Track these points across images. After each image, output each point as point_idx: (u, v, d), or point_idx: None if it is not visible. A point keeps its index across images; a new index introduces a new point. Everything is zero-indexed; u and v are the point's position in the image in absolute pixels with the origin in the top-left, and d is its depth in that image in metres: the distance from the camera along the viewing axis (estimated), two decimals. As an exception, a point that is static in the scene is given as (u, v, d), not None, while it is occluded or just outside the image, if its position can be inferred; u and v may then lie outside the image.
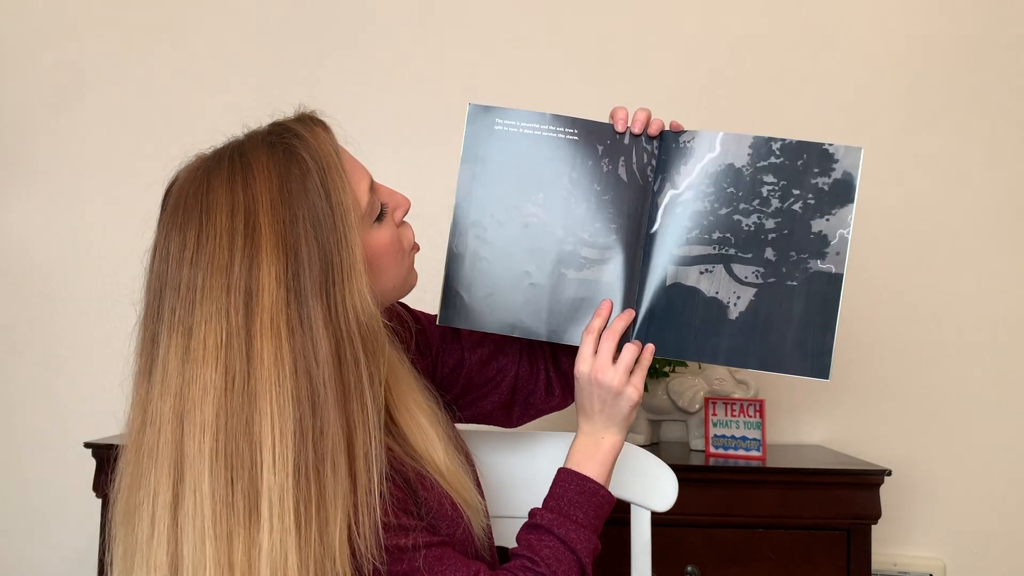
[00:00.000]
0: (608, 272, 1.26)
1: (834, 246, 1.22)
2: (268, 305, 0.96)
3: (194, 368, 0.96)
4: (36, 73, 2.40)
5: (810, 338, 1.23)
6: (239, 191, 1.00)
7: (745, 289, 1.24)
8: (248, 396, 0.95)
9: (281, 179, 1.01)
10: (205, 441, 0.95)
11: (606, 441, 1.22)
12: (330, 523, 0.96)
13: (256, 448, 0.95)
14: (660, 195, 1.26)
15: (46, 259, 2.37)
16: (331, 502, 0.97)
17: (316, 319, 0.98)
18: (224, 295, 0.96)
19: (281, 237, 0.98)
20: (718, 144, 1.24)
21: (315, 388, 0.97)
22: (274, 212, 0.99)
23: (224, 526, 0.94)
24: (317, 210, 1.00)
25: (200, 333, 0.96)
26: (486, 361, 1.38)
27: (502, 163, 1.26)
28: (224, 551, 0.94)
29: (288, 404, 0.95)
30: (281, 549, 0.94)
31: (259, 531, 0.94)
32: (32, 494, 2.34)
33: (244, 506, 0.94)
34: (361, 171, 1.11)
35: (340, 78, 2.37)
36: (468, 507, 1.15)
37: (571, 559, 1.13)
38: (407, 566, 1.03)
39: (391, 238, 1.13)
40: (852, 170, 1.22)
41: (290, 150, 1.03)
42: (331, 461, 0.97)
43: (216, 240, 0.98)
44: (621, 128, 1.26)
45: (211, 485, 0.94)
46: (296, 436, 0.95)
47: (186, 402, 0.96)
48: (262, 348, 0.96)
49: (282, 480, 0.94)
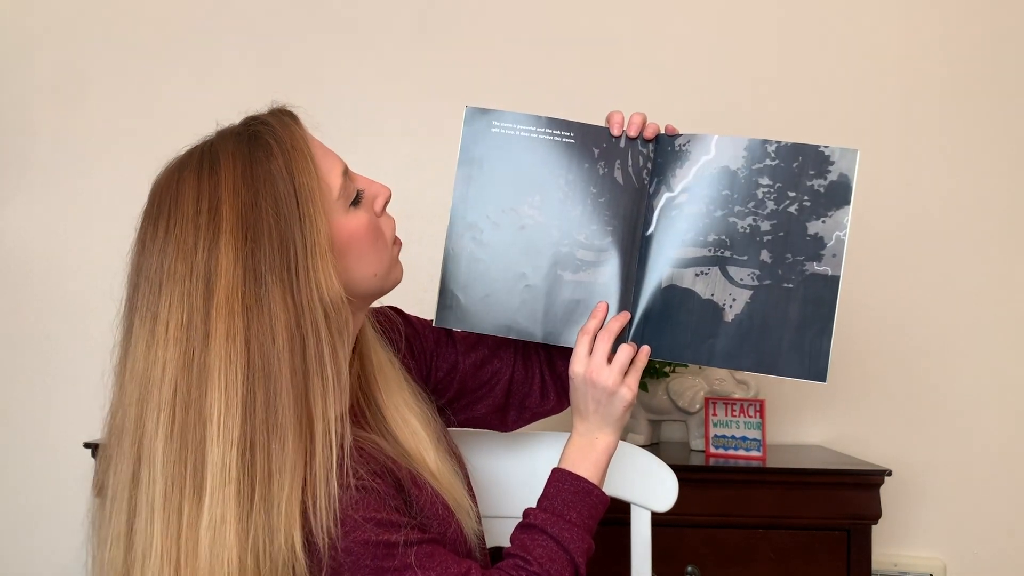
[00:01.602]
0: (604, 274, 1.26)
1: (830, 248, 1.22)
2: (225, 283, 0.98)
3: (156, 350, 0.99)
4: (36, 73, 2.40)
5: (807, 340, 1.22)
6: (205, 179, 1.02)
7: (741, 291, 1.23)
8: (201, 373, 0.97)
9: (245, 163, 1.03)
10: (161, 419, 0.97)
11: (600, 441, 1.22)
12: (277, 498, 0.97)
13: (206, 422, 0.97)
14: (656, 198, 1.26)
15: (46, 259, 2.37)
16: (280, 477, 0.97)
17: (274, 296, 0.99)
18: (187, 278, 0.99)
19: (241, 217, 1.00)
20: (713, 147, 1.24)
21: (268, 363, 0.98)
22: (236, 195, 1.01)
23: (175, 501, 0.97)
24: (279, 190, 1.02)
25: (164, 316, 0.99)
26: (480, 365, 1.38)
27: (498, 165, 1.27)
28: (174, 524, 0.96)
29: (237, 379, 0.97)
30: (222, 522, 0.96)
31: (203, 504, 0.96)
32: (32, 494, 2.34)
33: (193, 481, 0.96)
34: (333, 158, 1.12)
35: (339, 79, 2.37)
36: (459, 509, 1.16)
37: (564, 558, 1.13)
38: (399, 562, 1.03)
39: (367, 224, 1.12)
40: (848, 172, 1.22)
41: (256, 136, 1.05)
42: (281, 436, 0.98)
43: (182, 226, 1.01)
44: (617, 131, 1.26)
45: (163, 462, 0.97)
46: (243, 410, 0.97)
47: (149, 383, 0.99)
48: (217, 325, 0.98)
49: (225, 453, 0.96)
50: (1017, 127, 2.30)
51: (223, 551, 0.96)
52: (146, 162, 2.29)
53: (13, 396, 2.36)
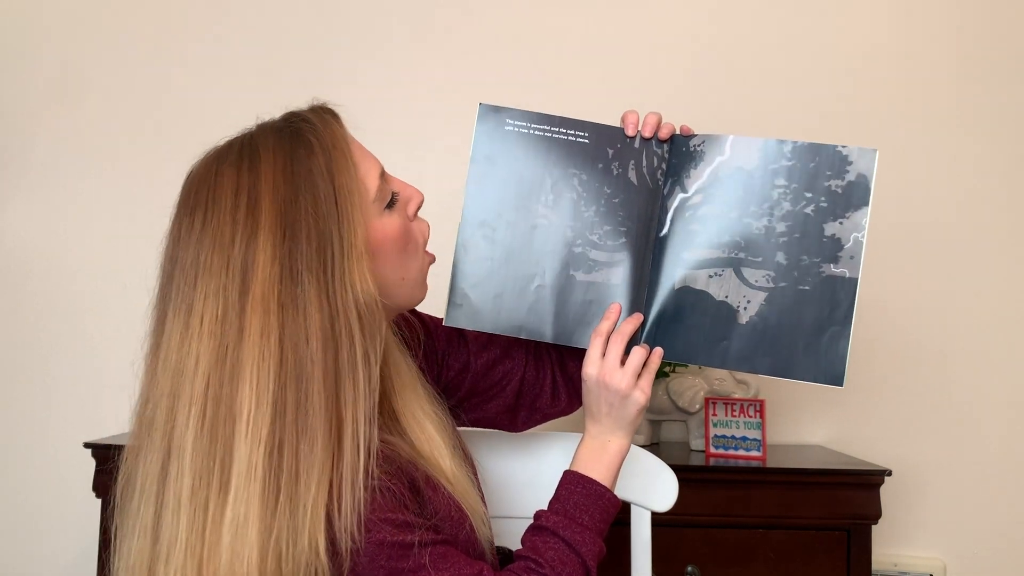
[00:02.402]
0: (617, 275, 1.25)
1: (848, 250, 1.20)
2: (262, 279, 0.98)
3: (190, 343, 0.99)
4: (36, 73, 2.39)
5: (823, 344, 1.21)
6: (245, 172, 1.03)
7: (755, 293, 1.22)
8: (234, 368, 0.97)
9: (286, 159, 1.03)
10: (192, 413, 0.97)
11: (613, 444, 1.21)
12: (303, 499, 0.97)
13: (236, 419, 0.97)
14: (670, 199, 1.25)
15: (46, 259, 2.37)
16: (306, 476, 0.97)
17: (310, 295, 0.99)
18: (223, 271, 0.99)
19: (280, 214, 1.00)
20: (728, 147, 1.23)
21: (301, 363, 0.98)
22: (275, 190, 1.01)
23: (201, 496, 0.97)
24: (319, 190, 1.02)
25: (199, 308, 0.99)
26: (492, 365, 1.37)
27: (512, 164, 1.26)
28: (200, 520, 0.96)
29: (269, 377, 0.97)
30: (245, 520, 0.95)
31: (226, 504, 0.96)
32: (32, 494, 2.33)
33: (219, 477, 0.96)
34: (371, 159, 1.12)
35: (345, 79, 2.36)
36: (473, 514, 1.15)
37: (576, 561, 1.13)
38: (413, 563, 1.02)
39: (401, 227, 1.13)
40: (867, 172, 1.21)
41: (297, 133, 1.06)
42: (310, 437, 0.98)
43: (220, 218, 1.01)
44: (631, 132, 1.25)
45: (192, 456, 0.97)
46: (273, 409, 0.97)
47: (182, 376, 0.99)
48: (251, 321, 0.98)
49: (253, 451, 0.96)
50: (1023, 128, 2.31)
51: (244, 549, 0.95)
52: (146, 162, 2.32)
53: (13, 396, 2.36)
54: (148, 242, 2.17)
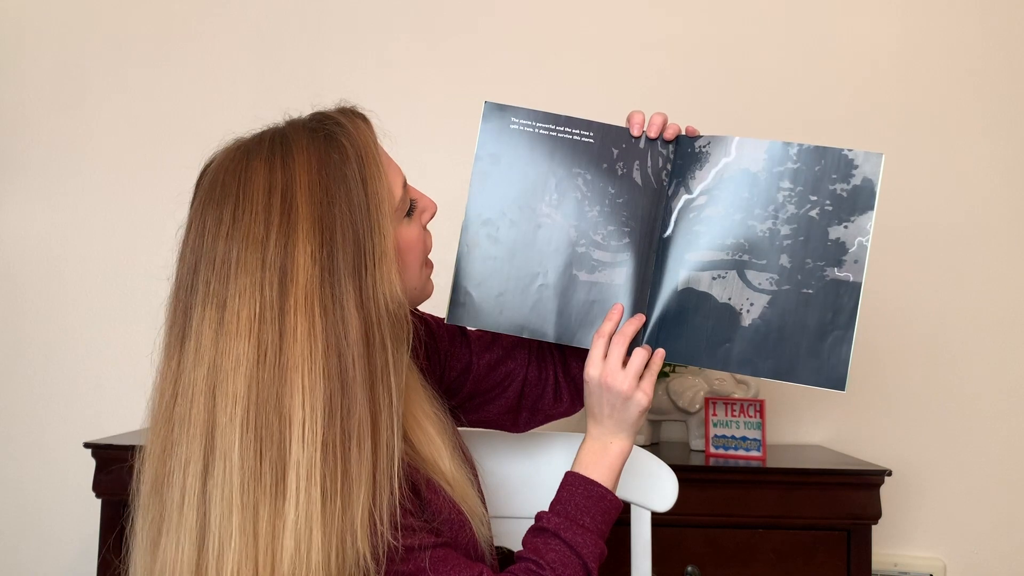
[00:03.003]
0: (620, 275, 1.24)
1: (852, 254, 1.20)
2: (303, 282, 0.98)
3: (227, 340, 0.98)
4: (36, 73, 2.39)
5: (825, 348, 1.21)
6: (278, 170, 1.02)
7: (759, 296, 1.22)
8: (280, 370, 0.97)
9: (320, 162, 1.03)
10: (236, 412, 0.97)
11: (615, 446, 1.21)
12: (353, 500, 0.97)
13: (286, 422, 0.97)
14: (674, 200, 1.24)
15: (46, 259, 2.37)
16: (355, 480, 0.98)
17: (348, 300, 1.00)
18: (259, 269, 0.98)
19: (317, 217, 1.00)
20: (734, 149, 1.23)
21: (345, 367, 0.99)
22: (311, 192, 1.01)
23: (251, 496, 0.96)
24: (353, 195, 1.02)
25: (234, 306, 0.98)
26: (494, 366, 1.37)
27: (516, 162, 1.25)
28: (250, 520, 0.96)
29: (319, 380, 0.97)
30: (307, 523, 0.95)
31: (285, 504, 0.96)
32: (32, 494, 2.33)
33: (271, 478, 0.96)
34: (396, 167, 1.13)
35: (344, 81, 2.35)
36: (473, 517, 1.15)
37: (577, 563, 1.13)
38: (413, 566, 1.03)
39: (417, 236, 1.15)
40: (873, 176, 1.20)
41: (331, 136, 1.05)
42: (357, 440, 0.98)
43: (252, 215, 1.00)
44: (637, 132, 1.25)
45: (240, 455, 0.96)
46: (326, 413, 0.97)
47: (219, 373, 0.98)
48: (295, 324, 0.97)
49: (311, 455, 0.96)
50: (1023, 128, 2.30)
51: (309, 552, 0.96)
52: (146, 163, 2.31)
53: (13, 396, 2.36)
54: (147, 242, 2.20)
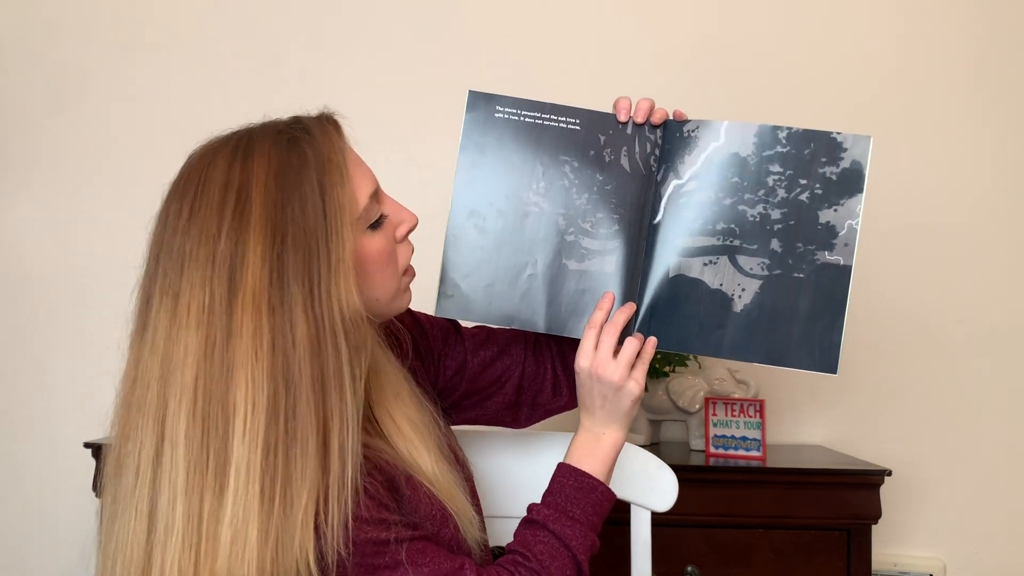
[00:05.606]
0: (610, 263, 1.23)
1: (842, 237, 1.19)
2: (251, 281, 0.98)
3: (178, 331, 0.99)
4: (36, 73, 2.39)
5: (817, 332, 1.20)
6: (237, 168, 1.02)
7: (750, 281, 1.21)
8: (225, 366, 0.98)
9: (279, 165, 1.03)
10: (184, 401, 0.98)
11: (607, 437, 1.20)
12: (295, 503, 0.97)
13: (229, 417, 0.97)
14: (663, 185, 1.23)
15: (46, 259, 2.37)
16: (298, 483, 0.98)
17: (296, 303, 0.99)
18: (209, 264, 0.99)
19: (270, 219, 1.00)
20: (723, 133, 1.22)
21: (290, 369, 0.98)
22: (266, 193, 1.01)
23: (196, 488, 0.97)
24: (307, 200, 1.02)
25: (185, 298, 0.99)
26: (489, 362, 1.36)
27: (502, 151, 1.24)
28: (195, 509, 0.97)
29: (263, 379, 0.97)
30: (244, 519, 0.96)
31: (224, 497, 0.96)
32: (32, 494, 2.33)
33: (214, 470, 0.97)
34: (365, 176, 1.11)
35: (339, 78, 2.36)
36: (461, 517, 1.14)
37: (565, 555, 1.12)
38: (389, 559, 1.02)
39: (383, 248, 1.11)
40: (861, 159, 1.19)
41: (294, 141, 1.05)
42: (301, 443, 0.98)
43: (207, 210, 1.01)
44: (624, 117, 1.23)
45: (186, 444, 0.97)
46: (268, 412, 0.97)
47: (171, 362, 0.99)
48: (242, 322, 0.98)
49: (252, 452, 0.96)
50: (1022, 125, 2.30)
51: (243, 550, 0.96)
52: (147, 163, 2.32)
53: (13, 396, 2.36)
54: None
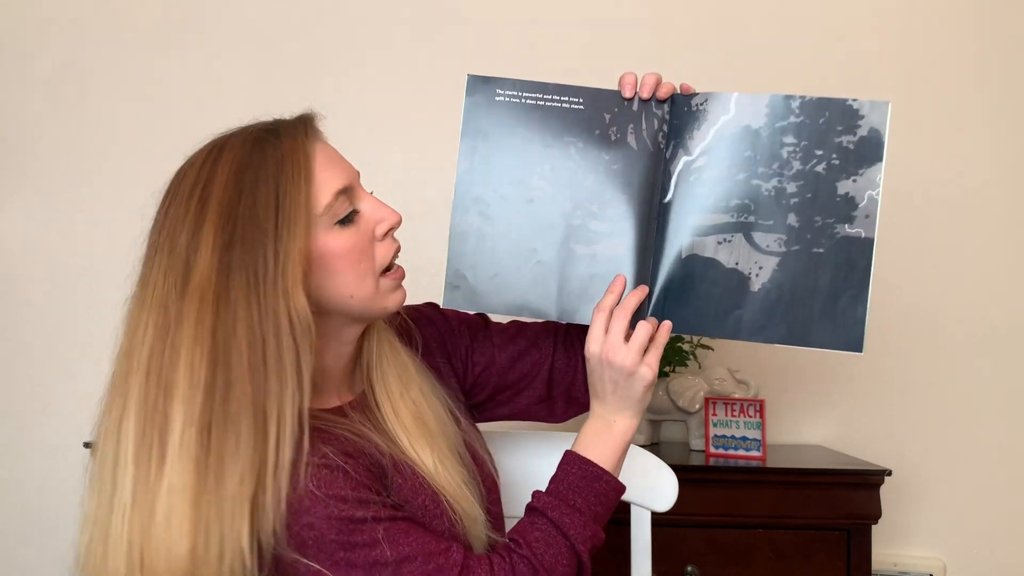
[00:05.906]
0: (620, 246, 1.20)
1: (863, 208, 1.15)
2: (201, 270, 1.03)
3: (142, 314, 1.05)
4: (36, 73, 2.39)
5: (840, 309, 1.16)
6: (207, 167, 1.07)
7: (767, 258, 1.17)
8: (172, 347, 1.02)
9: (240, 164, 1.07)
10: (138, 379, 1.03)
11: (618, 424, 1.18)
12: (228, 479, 1.00)
13: (171, 395, 1.01)
14: (673, 162, 1.20)
15: (47, 259, 2.38)
16: (230, 461, 1.00)
17: (239, 291, 1.03)
18: (171, 254, 1.05)
19: (223, 213, 1.04)
20: (733, 105, 1.18)
21: (228, 354, 1.02)
22: (224, 190, 1.05)
23: (144, 458, 1.02)
24: (259, 197, 1.05)
25: (151, 284, 1.06)
26: (518, 357, 1.34)
27: (504, 135, 1.21)
28: (143, 481, 1.01)
29: (203, 362, 1.01)
30: (180, 490, 1.00)
31: (164, 468, 1.00)
32: (33, 494, 2.34)
33: (157, 443, 1.01)
34: (334, 173, 1.10)
35: (339, 73, 2.36)
36: (463, 515, 1.13)
37: (562, 544, 1.10)
38: (367, 537, 1.02)
39: (352, 245, 1.10)
40: (879, 126, 1.16)
41: (259, 142, 1.08)
42: (235, 425, 1.01)
43: (177, 206, 1.07)
44: (629, 93, 1.20)
45: (135, 419, 1.02)
46: (205, 391, 1.01)
47: (133, 342, 1.05)
48: (190, 308, 1.02)
49: (187, 428, 1.00)
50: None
51: (177, 518, 0.99)
52: (147, 163, 2.28)
53: (13, 396, 2.37)
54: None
